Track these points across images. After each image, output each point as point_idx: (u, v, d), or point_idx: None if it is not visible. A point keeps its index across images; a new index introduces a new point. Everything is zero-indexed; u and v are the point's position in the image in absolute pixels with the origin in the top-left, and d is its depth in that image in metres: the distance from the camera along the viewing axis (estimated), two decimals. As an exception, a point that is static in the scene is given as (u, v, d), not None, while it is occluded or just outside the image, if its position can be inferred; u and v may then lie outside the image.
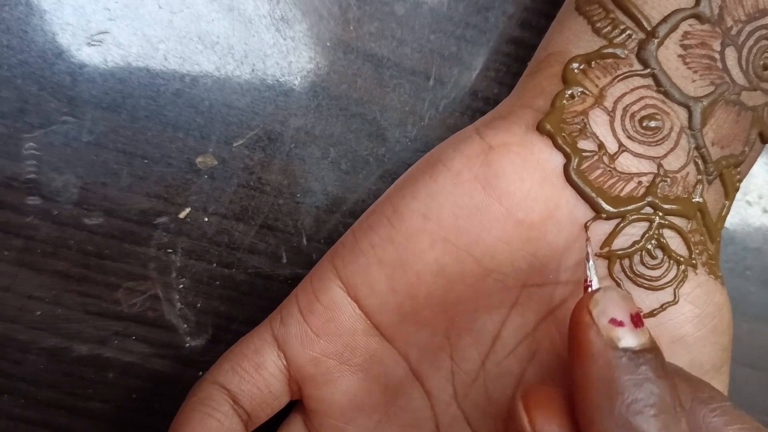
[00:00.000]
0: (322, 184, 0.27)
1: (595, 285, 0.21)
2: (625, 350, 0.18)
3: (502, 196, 0.23)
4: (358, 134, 0.27)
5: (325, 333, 0.24)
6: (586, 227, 0.22)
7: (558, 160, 0.23)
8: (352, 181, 0.28)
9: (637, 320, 0.19)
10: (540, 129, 0.23)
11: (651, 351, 0.18)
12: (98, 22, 0.25)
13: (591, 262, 0.21)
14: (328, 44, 0.27)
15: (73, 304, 0.26)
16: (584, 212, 0.23)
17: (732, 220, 0.31)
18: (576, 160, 0.22)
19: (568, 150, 0.22)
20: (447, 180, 0.23)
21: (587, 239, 0.22)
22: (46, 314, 0.26)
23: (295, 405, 0.26)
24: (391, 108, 0.28)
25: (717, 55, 0.23)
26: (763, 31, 0.23)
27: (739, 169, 0.24)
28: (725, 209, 0.24)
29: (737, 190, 0.24)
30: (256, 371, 0.24)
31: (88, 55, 0.25)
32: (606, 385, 0.18)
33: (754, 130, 0.23)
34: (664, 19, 0.22)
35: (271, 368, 0.24)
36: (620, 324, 0.18)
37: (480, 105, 0.28)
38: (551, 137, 0.23)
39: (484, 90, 0.28)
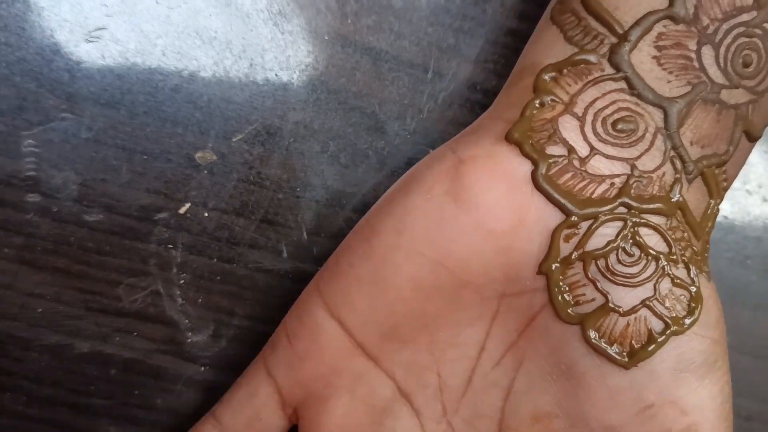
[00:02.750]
0: (322, 178, 0.27)
1: None
2: None
3: (470, 207, 0.23)
4: (357, 128, 0.27)
5: (310, 355, 0.24)
6: None
7: (526, 168, 0.23)
8: (352, 174, 0.28)
9: None
10: (508, 138, 0.23)
11: None
12: (96, 18, 0.25)
13: None
14: (326, 38, 0.27)
15: (74, 301, 0.26)
16: (554, 216, 0.22)
17: (732, 210, 0.31)
18: (544, 166, 0.22)
19: (535, 156, 0.22)
20: (419, 196, 0.23)
21: None
22: (47, 311, 0.26)
23: None
24: (389, 101, 0.28)
25: (693, 55, 0.22)
26: (741, 29, 0.22)
27: (724, 168, 0.24)
28: (711, 208, 0.24)
29: (725, 189, 0.24)
30: (248, 400, 0.25)
31: (86, 52, 0.25)
32: None
33: (738, 129, 0.23)
34: (637, 22, 0.22)
35: (263, 396, 0.25)
36: None
37: (479, 97, 0.28)
38: (519, 145, 0.23)
39: (482, 82, 0.28)
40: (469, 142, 0.24)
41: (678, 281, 0.23)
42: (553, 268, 0.23)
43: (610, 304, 0.22)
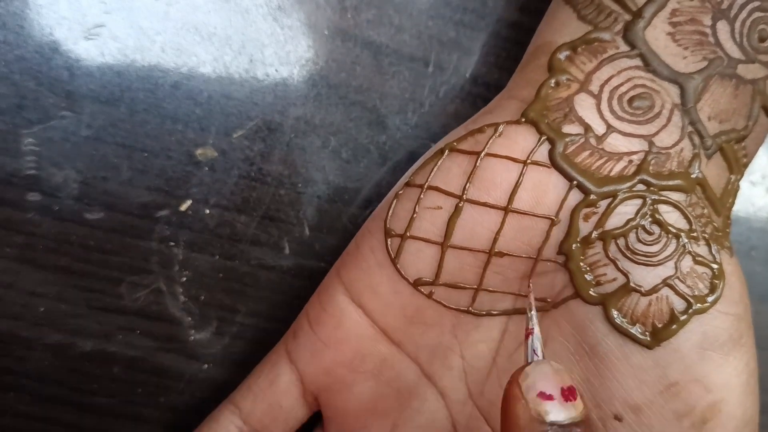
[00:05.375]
0: (323, 174, 0.27)
1: (536, 331, 0.21)
2: (552, 424, 0.17)
3: (489, 188, 0.23)
4: (358, 122, 0.27)
5: (334, 341, 0.24)
6: (528, 285, 0.23)
7: (543, 147, 0.23)
8: (354, 169, 0.28)
9: (568, 394, 0.18)
10: (524, 118, 0.23)
11: (580, 425, 0.18)
12: (94, 15, 0.25)
13: (534, 311, 0.21)
14: (326, 32, 0.27)
15: (76, 300, 0.26)
16: (573, 195, 0.22)
17: (736, 201, 0.31)
18: (561, 145, 0.22)
19: (552, 135, 0.22)
20: (437, 178, 0.23)
21: (529, 288, 0.23)
22: (49, 310, 0.26)
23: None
24: (390, 95, 0.27)
25: (708, 30, 0.22)
26: (756, 3, 0.22)
27: (743, 144, 0.24)
28: (731, 183, 0.24)
29: (745, 165, 0.24)
30: (269, 388, 0.25)
31: (85, 49, 0.25)
32: None
33: (756, 104, 0.23)
34: None
35: (284, 383, 0.25)
36: (549, 398, 0.18)
37: (480, 90, 0.28)
38: (535, 125, 0.23)
39: (484, 75, 0.28)
40: (486, 122, 0.24)
41: (699, 259, 0.22)
42: (573, 247, 0.23)
43: (631, 284, 0.22)
